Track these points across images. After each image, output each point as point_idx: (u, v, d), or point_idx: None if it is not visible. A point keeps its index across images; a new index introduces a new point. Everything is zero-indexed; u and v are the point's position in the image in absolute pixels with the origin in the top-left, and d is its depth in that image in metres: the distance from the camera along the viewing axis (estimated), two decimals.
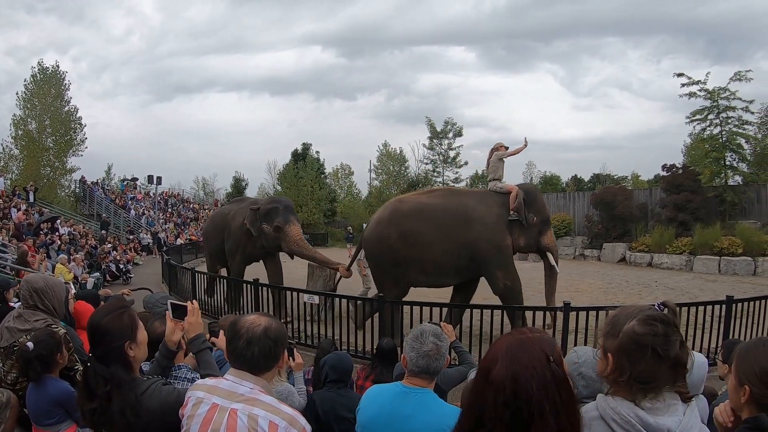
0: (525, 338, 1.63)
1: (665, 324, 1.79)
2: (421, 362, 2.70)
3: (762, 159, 28.77)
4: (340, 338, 9.08)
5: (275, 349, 2.24)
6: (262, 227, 12.36)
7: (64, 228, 23.45)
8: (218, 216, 14.98)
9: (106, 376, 2.42)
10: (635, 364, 1.76)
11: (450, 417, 2.55)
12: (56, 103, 33.71)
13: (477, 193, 10.86)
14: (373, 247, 10.39)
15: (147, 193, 42.76)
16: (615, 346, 1.82)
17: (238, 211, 13.29)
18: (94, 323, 2.54)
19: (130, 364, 2.52)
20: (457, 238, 9.65)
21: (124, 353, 2.49)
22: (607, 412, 1.77)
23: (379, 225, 10.33)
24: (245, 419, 2.11)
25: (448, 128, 40.83)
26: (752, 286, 17.11)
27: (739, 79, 25.52)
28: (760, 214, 24.95)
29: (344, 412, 3.97)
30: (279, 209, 12.46)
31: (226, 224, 13.54)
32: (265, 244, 12.57)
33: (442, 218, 9.80)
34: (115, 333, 2.48)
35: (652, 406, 1.76)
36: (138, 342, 2.57)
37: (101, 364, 2.46)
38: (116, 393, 2.40)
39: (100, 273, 18.26)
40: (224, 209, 15.15)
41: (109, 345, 2.47)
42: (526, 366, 1.55)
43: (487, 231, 9.68)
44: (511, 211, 9.78)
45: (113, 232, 30.78)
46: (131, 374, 2.51)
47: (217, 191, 58.89)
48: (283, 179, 46.40)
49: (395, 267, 10.00)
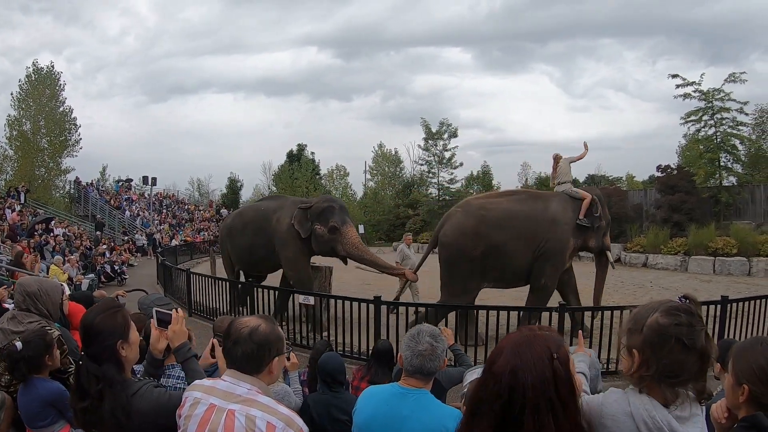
0: (532, 335, 1.66)
1: (689, 314, 1.79)
2: (416, 361, 2.69)
3: (756, 160, 28.97)
4: (336, 339, 9.08)
5: (258, 352, 2.22)
6: (314, 228, 11.56)
7: (59, 229, 23.40)
8: (250, 211, 13.44)
9: (98, 375, 2.42)
10: (662, 357, 1.76)
11: (447, 418, 2.56)
12: (51, 103, 33.69)
13: (555, 195, 10.81)
14: (453, 256, 10.09)
15: (142, 194, 42.70)
16: (640, 341, 1.81)
17: (283, 210, 12.20)
18: (87, 322, 2.54)
19: (122, 364, 2.52)
20: (537, 242, 9.96)
21: (116, 353, 2.49)
22: (641, 413, 1.76)
23: (464, 235, 10.00)
24: (243, 420, 2.11)
25: (443, 129, 40.81)
26: (747, 286, 17.19)
27: (733, 80, 25.70)
28: (755, 215, 25.12)
29: (339, 414, 3.96)
30: (335, 208, 11.69)
31: (267, 224, 12.27)
32: (315, 247, 11.76)
33: (526, 226, 10.01)
34: (108, 332, 2.49)
35: (681, 414, 1.76)
36: (130, 342, 2.57)
37: (93, 363, 2.46)
38: (108, 392, 2.40)
39: (94, 274, 18.22)
40: (259, 206, 13.59)
41: (102, 344, 2.47)
42: (527, 361, 1.58)
43: (561, 232, 10.10)
44: (581, 217, 10.25)
45: (108, 233, 30.74)
46: (123, 374, 2.51)
47: (212, 192, 59.00)
48: (279, 180, 46.46)
49: (471, 276, 9.98)
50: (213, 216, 44.74)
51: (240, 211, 13.80)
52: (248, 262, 13.00)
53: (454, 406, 2.83)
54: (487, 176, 48.87)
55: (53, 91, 33.89)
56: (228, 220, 14.02)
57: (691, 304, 1.83)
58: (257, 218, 12.59)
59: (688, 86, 26.60)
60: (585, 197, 10.44)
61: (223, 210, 47.19)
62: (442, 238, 10.36)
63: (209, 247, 28.85)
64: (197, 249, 30.30)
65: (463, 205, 10.84)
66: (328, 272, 12.38)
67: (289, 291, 11.22)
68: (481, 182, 47.99)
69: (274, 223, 12.05)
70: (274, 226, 12.03)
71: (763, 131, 30.60)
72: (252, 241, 12.45)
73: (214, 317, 10.76)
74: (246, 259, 12.96)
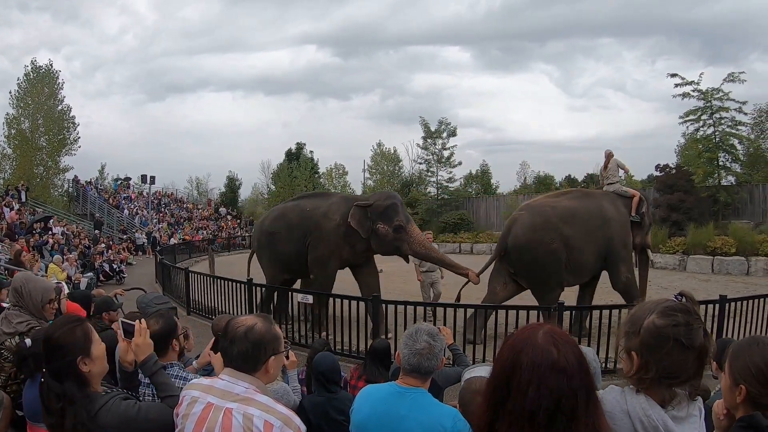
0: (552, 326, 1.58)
1: (685, 313, 1.78)
2: (413, 360, 2.69)
3: (755, 160, 28.95)
4: (334, 338, 9.08)
5: (254, 351, 2.22)
6: (376, 228, 10.81)
7: (58, 228, 23.39)
8: (294, 213, 11.88)
9: (58, 393, 2.37)
10: (661, 359, 1.75)
11: (445, 417, 2.55)
12: (49, 102, 33.61)
13: (605, 194, 11.12)
14: (532, 254, 10.00)
15: (140, 193, 42.72)
16: (638, 343, 1.81)
17: (330, 208, 11.38)
18: (47, 337, 2.49)
19: (84, 379, 2.43)
20: (599, 238, 10.26)
21: (77, 369, 2.41)
22: (637, 412, 1.76)
23: (536, 231, 10.03)
24: (240, 418, 2.11)
25: (442, 128, 40.74)
26: (745, 285, 17.20)
27: (732, 80, 25.71)
28: (753, 214, 25.16)
29: (336, 415, 3.96)
30: (398, 206, 11.06)
31: (311, 223, 11.36)
32: (376, 247, 11.05)
33: (587, 220, 10.31)
34: (67, 348, 2.42)
35: (677, 414, 1.77)
36: (93, 357, 2.47)
37: (54, 381, 2.40)
38: (69, 409, 2.35)
39: (93, 273, 18.20)
40: (300, 205, 12.05)
41: (62, 360, 2.41)
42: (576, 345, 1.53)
43: (620, 230, 10.50)
44: (633, 214, 10.77)
45: (106, 231, 30.73)
46: (86, 390, 2.42)
47: (211, 191, 58.88)
48: (277, 179, 46.33)
49: (558, 271, 10.01)
50: (212, 215, 44.73)
51: (281, 213, 12.21)
52: (298, 269, 11.92)
53: (451, 405, 2.83)
54: (485, 175, 48.68)
55: (52, 89, 33.82)
56: (267, 223, 12.30)
57: (687, 302, 1.83)
58: (304, 219, 11.51)
59: (686, 86, 26.63)
60: (634, 195, 11.03)
61: (222, 209, 47.18)
62: (514, 241, 10.23)
63: (208, 246, 28.84)
64: (196, 248, 30.26)
65: (525, 207, 10.95)
66: None
67: (284, 289, 11.18)
68: (479, 181, 47.87)
69: (320, 220, 11.29)
70: (319, 223, 11.28)
71: (762, 131, 30.59)
72: (299, 246, 11.42)
73: (213, 316, 10.76)
74: (296, 267, 11.83)
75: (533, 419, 1.45)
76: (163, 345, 3.14)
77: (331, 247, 11.06)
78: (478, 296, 10.51)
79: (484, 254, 31.50)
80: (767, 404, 1.86)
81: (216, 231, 39.86)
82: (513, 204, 34.77)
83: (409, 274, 10.43)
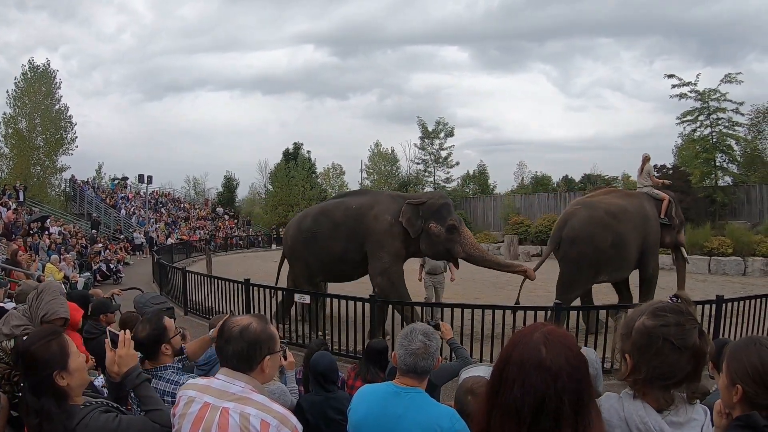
0: (552, 327, 1.59)
1: (677, 314, 1.79)
2: (409, 360, 2.69)
3: (752, 160, 29.03)
4: (332, 338, 9.07)
5: (249, 350, 2.22)
6: (428, 227, 10.21)
7: (55, 228, 23.36)
8: (338, 211, 11.13)
9: (36, 408, 2.34)
10: (651, 360, 1.76)
11: (442, 417, 2.55)
12: (47, 101, 33.55)
13: (643, 195, 11.64)
14: (584, 249, 10.17)
15: (137, 193, 42.65)
16: (630, 345, 1.82)
17: (379, 208, 10.75)
18: (22, 350, 2.46)
19: (62, 393, 2.39)
20: (641, 235, 10.72)
21: (54, 384, 2.36)
22: (634, 419, 1.76)
23: (595, 226, 10.23)
24: (237, 418, 2.11)
25: (439, 128, 40.84)
26: (742, 285, 17.25)
27: (729, 81, 25.78)
28: (750, 215, 25.22)
29: (334, 414, 3.96)
30: (450, 205, 10.58)
31: (360, 225, 10.73)
32: (426, 248, 10.43)
33: (634, 219, 10.71)
34: (42, 362, 2.37)
35: (675, 419, 1.76)
36: (70, 370, 2.41)
37: (32, 395, 2.37)
38: (45, 425, 2.32)
39: (90, 273, 18.18)
40: (345, 203, 11.36)
41: (38, 374, 2.38)
42: (572, 349, 1.53)
43: (655, 228, 11.07)
44: (663, 216, 11.26)
45: (104, 231, 30.70)
46: (64, 405, 2.38)
47: (208, 191, 58.85)
48: (275, 179, 46.29)
49: (596, 268, 10.29)
50: (209, 215, 44.70)
51: (322, 210, 11.50)
52: (337, 272, 11.32)
53: (447, 404, 2.83)
54: (483, 175, 48.77)
55: (49, 89, 33.76)
56: (307, 223, 11.42)
57: (682, 303, 1.83)
58: (350, 218, 10.86)
59: (684, 86, 26.76)
60: (664, 198, 11.45)
61: (219, 209, 47.14)
62: (570, 233, 10.38)
63: (205, 246, 28.82)
64: (193, 247, 30.24)
65: (581, 202, 11.22)
66: None
67: (282, 290, 11.15)
68: (477, 181, 47.95)
69: (371, 222, 10.62)
70: (370, 225, 10.60)
71: (759, 131, 30.68)
72: (345, 246, 10.78)
73: (210, 316, 10.74)
74: (335, 269, 11.22)
75: (519, 415, 1.48)
76: (153, 350, 3.13)
77: (391, 251, 10.44)
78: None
79: None
80: (764, 404, 1.86)
81: (213, 231, 39.83)
82: (510, 204, 34.87)
83: (406, 273, 10.33)
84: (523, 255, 26.38)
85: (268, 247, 38.56)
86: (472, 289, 16.05)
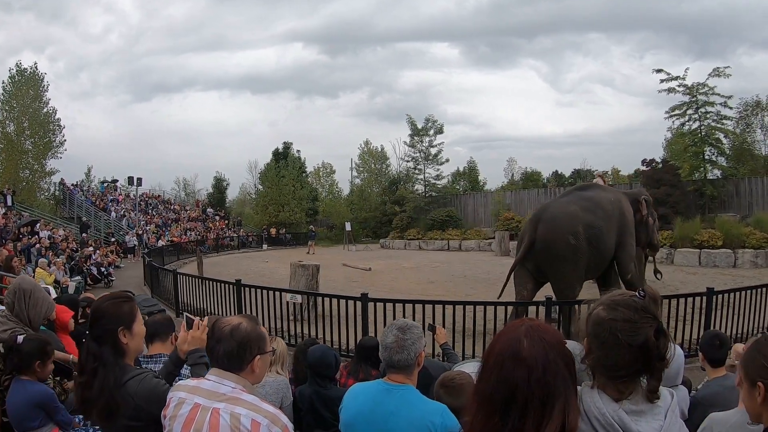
0: (539, 323, 1.64)
1: (632, 310, 1.76)
2: (384, 354, 2.72)
3: (740, 153, 29.26)
4: (324, 337, 9.08)
5: (239, 350, 2.24)
6: (646, 219, 11.52)
7: (44, 232, 23.26)
8: (606, 203, 10.70)
9: (95, 354, 2.54)
10: (597, 349, 1.76)
11: (434, 413, 2.57)
12: (35, 104, 33.27)
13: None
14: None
15: (127, 195, 42.44)
16: (585, 330, 1.83)
17: (622, 200, 11.08)
18: (95, 306, 2.72)
19: (121, 349, 2.61)
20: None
21: (116, 338, 2.58)
22: (591, 410, 1.74)
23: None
24: (228, 418, 2.12)
25: (429, 126, 40.83)
26: (732, 278, 17.35)
27: (717, 75, 25.89)
28: (739, 207, 25.42)
29: (322, 409, 3.98)
30: None
31: (621, 216, 10.76)
32: (643, 238, 11.57)
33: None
34: (111, 317, 2.60)
35: (635, 408, 1.74)
36: (133, 333, 2.66)
37: (95, 343, 2.58)
38: (101, 371, 2.51)
39: (81, 276, 18.11)
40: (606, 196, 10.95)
41: (104, 327, 2.59)
42: (553, 345, 1.56)
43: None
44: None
45: (94, 234, 30.56)
46: (120, 360, 2.60)
47: (198, 192, 58.82)
48: (265, 179, 46.27)
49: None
50: (199, 216, 44.60)
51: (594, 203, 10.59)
52: (604, 265, 10.73)
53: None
54: (473, 172, 48.99)
55: (37, 92, 33.48)
56: (588, 217, 10.21)
57: (648, 300, 1.82)
58: (616, 210, 10.72)
59: (672, 81, 26.81)
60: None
61: (209, 210, 47.06)
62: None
63: (196, 247, 28.76)
64: (184, 249, 30.16)
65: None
66: (315, 270, 12.36)
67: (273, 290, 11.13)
68: (467, 178, 48.12)
69: (627, 213, 11.01)
70: (625, 218, 10.88)
71: (748, 125, 30.88)
72: (614, 238, 10.56)
73: (202, 318, 10.71)
74: (603, 266, 10.71)
75: (492, 403, 1.53)
76: None
77: (635, 240, 11.17)
78: None
79: (473, 251, 31.65)
80: None
81: (204, 232, 39.74)
82: (500, 200, 34.97)
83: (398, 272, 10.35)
84: (514, 250, 26.40)
85: (259, 248, 38.59)
86: (464, 285, 16.09)
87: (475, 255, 29.24)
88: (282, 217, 42.77)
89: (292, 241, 41.12)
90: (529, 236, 10.15)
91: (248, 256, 32.83)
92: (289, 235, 42.06)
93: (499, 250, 27.78)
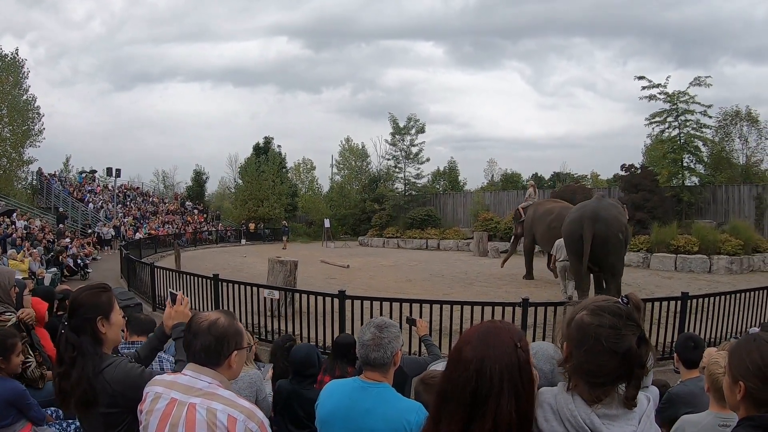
0: (496, 326, 1.74)
1: (617, 316, 1.76)
2: (361, 352, 2.74)
3: (718, 161, 29.58)
4: (301, 333, 9.05)
5: (216, 345, 2.25)
6: None
7: (21, 222, 23.01)
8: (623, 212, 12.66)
9: (74, 344, 2.58)
10: (579, 354, 1.76)
11: (409, 411, 2.58)
12: (14, 91, 32.71)
13: None
14: None
15: (105, 186, 42.05)
16: (567, 334, 1.84)
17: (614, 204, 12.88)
18: (73, 297, 2.76)
19: (99, 339, 2.66)
20: None
21: (95, 327, 2.64)
22: (564, 412, 1.76)
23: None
24: (204, 413, 2.13)
25: (410, 124, 40.79)
26: (707, 283, 17.54)
27: (698, 84, 26.22)
28: (716, 214, 25.80)
29: (299, 409, 3.99)
30: None
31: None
32: None
33: None
34: (89, 307, 2.66)
35: (608, 412, 1.75)
36: (111, 322, 2.71)
37: (73, 333, 2.61)
38: (79, 361, 2.55)
39: (57, 268, 17.90)
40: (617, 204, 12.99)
41: (83, 317, 2.63)
42: (494, 349, 1.65)
43: None
44: None
45: (71, 225, 30.24)
46: (98, 349, 2.64)
47: (177, 185, 58.40)
48: (245, 173, 46.00)
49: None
50: (178, 209, 44.31)
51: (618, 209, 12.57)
52: None
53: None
54: (453, 172, 49.07)
55: (17, 78, 32.96)
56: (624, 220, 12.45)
57: (628, 306, 1.83)
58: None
59: (653, 88, 27.07)
60: None
61: (188, 203, 46.78)
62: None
63: (174, 241, 28.57)
64: (162, 242, 29.96)
65: None
66: (293, 266, 12.32)
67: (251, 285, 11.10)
68: (447, 178, 48.18)
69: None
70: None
71: (726, 134, 31.21)
72: None
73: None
74: None
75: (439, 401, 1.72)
76: None
77: None
78: None
79: (452, 250, 31.72)
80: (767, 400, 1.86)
81: (182, 225, 39.51)
82: (480, 201, 35.11)
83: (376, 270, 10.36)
84: (492, 251, 26.54)
85: (238, 243, 38.43)
86: (441, 284, 16.12)
87: (453, 254, 29.27)
88: (261, 213, 42.53)
89: (271, 236, 40.92)
90: (590, 232, 11.65)
91: (226, 250, 32.63)
92: (267, 231, 41.87)
93: (477, 250, 27.75)
